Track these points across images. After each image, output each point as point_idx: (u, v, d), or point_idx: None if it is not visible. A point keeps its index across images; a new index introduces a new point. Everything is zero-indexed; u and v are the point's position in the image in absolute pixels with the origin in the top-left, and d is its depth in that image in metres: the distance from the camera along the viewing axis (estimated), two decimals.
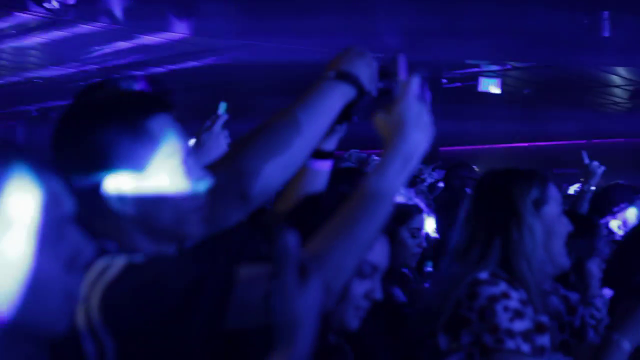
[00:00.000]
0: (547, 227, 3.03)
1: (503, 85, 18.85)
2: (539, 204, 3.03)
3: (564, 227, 3.09)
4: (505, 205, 3.02)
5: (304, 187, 2.57)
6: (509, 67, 18.77)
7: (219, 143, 3.82)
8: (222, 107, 3.91)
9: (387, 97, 2.39)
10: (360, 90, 2.39)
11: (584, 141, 20.78)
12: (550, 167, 19.06)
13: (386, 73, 2.45)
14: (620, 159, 17.54)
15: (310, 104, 2.32)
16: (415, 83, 2.24)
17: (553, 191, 3.09)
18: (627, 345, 2.89)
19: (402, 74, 2.29)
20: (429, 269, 5.30)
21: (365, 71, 2.40)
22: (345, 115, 2.44)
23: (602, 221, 5.66)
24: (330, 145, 2.59)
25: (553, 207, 3.07)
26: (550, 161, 19.75)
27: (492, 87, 18.53)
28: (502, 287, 2.87)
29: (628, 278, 3.79)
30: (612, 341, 2.89)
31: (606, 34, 18.94)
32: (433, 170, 8.93)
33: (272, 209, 2.64)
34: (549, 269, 3.06)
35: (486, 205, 3.08)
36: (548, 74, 19.11)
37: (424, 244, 4.59)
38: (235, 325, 1.86)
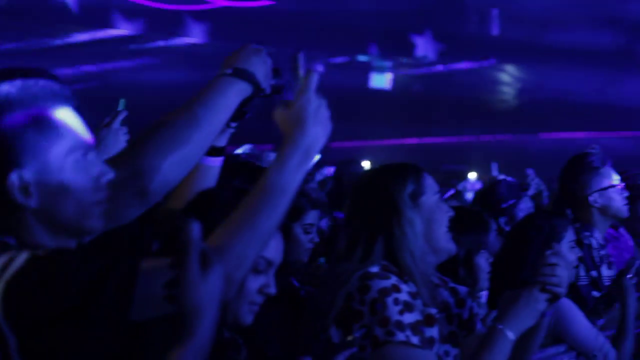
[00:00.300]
0: (427, 217, 3.11)
1: (394, 82, 19.11)
2: (416, 196, 3.11)
3: (443, 213, 3.18)
4: (383, 202, 3.09)
5: (195, 183, 2.60)
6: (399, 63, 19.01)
7: (118, 139, 3.81)
8: (121, 104, 3.91)
9: (279, 94, 2.44)
10: (256, 88, 2.43)
11: (473, 138, 21.19)
12: (439, 163, 19.38)
13: (278, 71, 2.51)
14: (507, 154, 17.97)
15: (208, 100, 2.36)
16: (314, 79, 2.28)
17: (428, 180, 3.18)
18: (511, 335, 2.99)
19: (301, 70, 2.33)
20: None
21: (261, 69, 2.45)
22: (239, 112, 2.48)
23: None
24: (222, 141, 2.63)
25: (430, 196, 3.15)
26: (440, 157, 20.01)
27: (383, 82, 18.74)
28: (393, 280, 2.94)
29: (514, 272, 3.90)
30: (497, 331, 2.99)
31: (495, 32, 19.41)
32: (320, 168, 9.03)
33: (163, 204, 2.65)
34: (431, 259, 3.14)
35: (365, 203, 3.15)
36: (438, 71, 19.43)
37: (317, 240, 4.64)
38: (139, 316, 1.87)
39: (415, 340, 2.88)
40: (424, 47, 18.92)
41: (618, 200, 4.99)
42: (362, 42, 18.73)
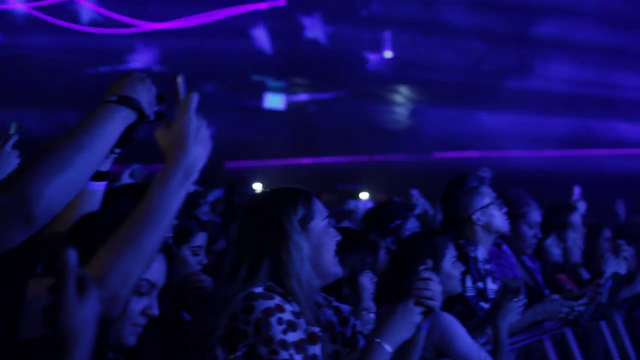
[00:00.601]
0: (316, 242, 3.19)
1: (288, 102, 19.20)
2: (306, 221, 3.18)
3: (331, 238, 3.26)
4: (272, 226, 3.15)
5: (79, 206, 2.63)
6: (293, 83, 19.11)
7: (10, 162, 3.79)
8: (13, 127, 3.89)
9: (163, 120, 2.49)
10: (140, 114, 2.48)
11: (366, 157, 21.42)
12: (334, 182, 19.54)
13: (163, 97, 2.55)
14: (401, 174, 18.22)
15: (92, 127, 2.38)
16: (194, 100, 2.34)
17: (318, 205, 3.25)
18: (388, 348, 3.08)
19: (181, 92, 2.38)
20: None
21: (145, 96, 2.49)
22: (124, 137, 2.52)
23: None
24: (106, 166, 2.67)
25: (319, 222, 3.22)
26: (334, 177, 20.14)
27: (277, 103, 18.82)
28: (277, 300, 3.01)
29: (397, 291, 4.01)
30: (375, 344, 3.08)
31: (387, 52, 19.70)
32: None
33: (47, 228, 2.66)
34: (317, 283, 3.21)
35: (254, 225, 3.20)
36: (332, 91, 19.60)
37: (205, 261, 4.68)
38: (23, 336, 1.90)
39: (298, 358, 2.96)
40: None
41: (499, 217, 5.18)
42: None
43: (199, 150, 2.30)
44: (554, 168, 17.91)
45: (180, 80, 2.42)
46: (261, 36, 18.61)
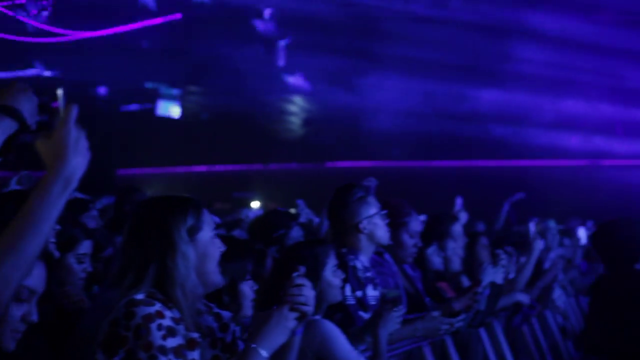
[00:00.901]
0: (202, 252, 3.27)
1: (182, 110, 19.13)
2: (194, 231, 3.26)
3: (216, 248, 3.35)
4: (160, 234, 3.21)
5: None
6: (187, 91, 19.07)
7: None
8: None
9: (45, 130, 2.55)
10: (22, 124, 2.53)
11: (260, 165, 21.50)
12: (229, 190, 19.56)
13: (45, 107, 2.61)
14: (295, 182, 18.37)
15: None
16: (73, 111, 2.41)
17: (206, 216, 3.34)
18: (264, 353, 3.18)
19: (61, 104, 2.45)
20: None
21: (27, 106, 2.55)
22: (5, 146, 2.56)
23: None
24: None
25: (207, 232, 3.31)
26: (229, 185, 20.15)
27: (172, 110, 18.75)
28: (157, 307, 3.09)
29: (276, 297, 4.11)
30: (250, 349, 3.18)
31: (281, 63, 19.83)
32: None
33: None
34: (201, 291, 3.31)
35: (142, 232, 3.25)
36: (226, 100, 19.61)
37: (90, 269, 4.71)
38: None
39: None
40: None
41: (382, 227, 5.33)
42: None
43: (78, 160, 2.37)
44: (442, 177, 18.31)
45: (60, 92, 2.49)
46: (155, 42, 18.52)
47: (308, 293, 3.28)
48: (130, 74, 17.98)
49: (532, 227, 7.87)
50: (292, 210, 8.46)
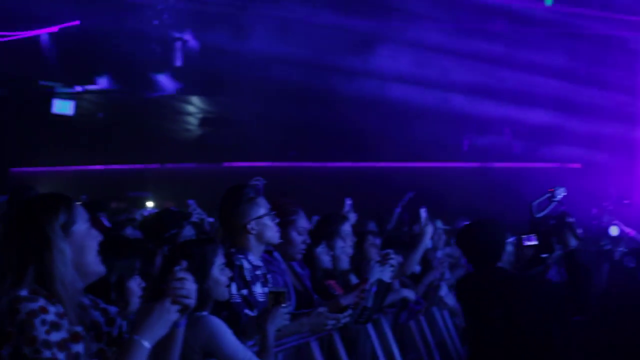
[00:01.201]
0: (79, 245, 3.38)
1: (77, 108, 18.94)
2: (68, 226, 3.36)
3: (93, 239, 3.45)
4: (35, 233, 3.31)
5: None
6: (83, 89, 18.89)
7: None
8: None
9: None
10: None
11: (157, 165, 21.41)
12: (124, 190, 19.46)
13: None
14: (191, 182, 18.37)
15: None
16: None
17: (79, 210, 3.44)
18: (146, 344, 3.26)
19: None
20: None
21: None
22: None
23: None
24: None
25: (81, 225, 3.41)
26: (124, 184, 20.03)
27: (66, 109, 18.56)
28: (41, 302, 3.18)
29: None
30: (133, 341, 3.26)
31: (178, 63, 19.77)
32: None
33: None
34: (81, 284, 3.40)
35: (18, 233, 3.34)
36: (122, 99, 19.49)
37: None
38: None
39: (61, 356, 3.14)
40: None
41: (271, 227, 5.44)
42: None
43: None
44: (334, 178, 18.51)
45: None
46: (50, 43, 18.31)
47: (190, 286, 3.37)
48: (26, 72, 17.77)
49: (423, 213, 8.07)
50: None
